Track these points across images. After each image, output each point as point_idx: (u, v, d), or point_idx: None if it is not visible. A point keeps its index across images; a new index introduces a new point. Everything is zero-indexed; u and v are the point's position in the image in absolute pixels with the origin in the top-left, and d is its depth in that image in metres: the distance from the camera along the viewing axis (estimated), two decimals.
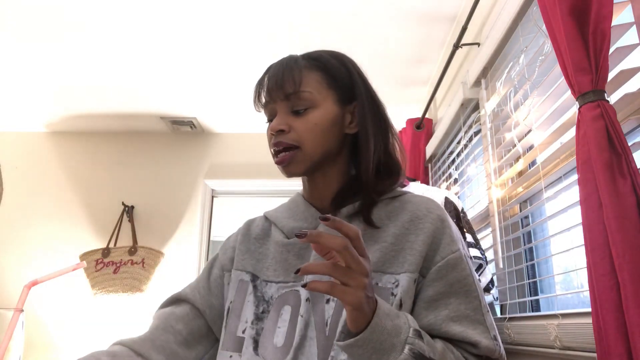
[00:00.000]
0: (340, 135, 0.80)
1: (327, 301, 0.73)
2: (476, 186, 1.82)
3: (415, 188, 1.59)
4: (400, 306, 0.70)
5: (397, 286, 0.71)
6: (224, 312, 0.82)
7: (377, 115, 0.82)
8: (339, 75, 0.80)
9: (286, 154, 0.76)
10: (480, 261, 1.51)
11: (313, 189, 0.83)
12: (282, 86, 0.77)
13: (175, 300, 0.85)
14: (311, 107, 0.77)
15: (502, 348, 0.71)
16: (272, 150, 0.78)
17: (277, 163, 0.77)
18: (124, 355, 0.74)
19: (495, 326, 0.74)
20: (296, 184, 0.88)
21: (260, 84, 0.81)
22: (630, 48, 0.89)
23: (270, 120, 0.80)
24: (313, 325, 0.72)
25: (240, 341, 0.75)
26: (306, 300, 0.74)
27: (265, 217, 0.89)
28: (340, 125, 0.79)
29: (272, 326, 0.74)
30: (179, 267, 2.96)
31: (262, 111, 0.83)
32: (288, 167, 0.77)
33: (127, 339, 0.78)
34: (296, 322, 0.73)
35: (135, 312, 2.84)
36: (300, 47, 2.23)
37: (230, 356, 0.75)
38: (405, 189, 0.96)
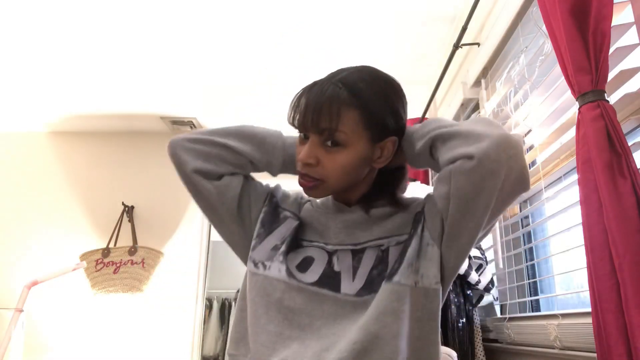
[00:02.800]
0: (366, 168, 0.82)
1: (353, 258, 0.79)
2: None
3: (415, 188, 1.59)
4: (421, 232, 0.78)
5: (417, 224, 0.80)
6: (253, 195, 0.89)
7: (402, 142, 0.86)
8: (377, 113, 0.78)
9: (310, 181, 0.79)
10: (480, 261, 1.51)
11: (337, 195, 0.88)
12: (318, 120, 0.75)
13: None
14: (342, 146, 0.76)
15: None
16: (298, 171, 0.82)
17: (300, 185, 0.81)
18: None
19: None
20: (297, 185, 0.91)
21: (297, 105, 0.79)
22: (630, 48, 0.89)
23: (302, 135, 0.81)
24: (339, 271, 0.78)
25: (273, 253, 0.82)
26: (334, 257, 0.80)
27: (307, 198, 0.96)
28: (368, 161, 0.81)
29: (303, 254, 0.81)
30: (179, 267, 2.96)
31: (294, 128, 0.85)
32: (309, 192, 0.81)
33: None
34: (320, 266, 0.79)
35: (135, 312, 2.84)
36: (300, 48, 2.24)
37: (262, 263, 0.81)
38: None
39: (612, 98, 0.90)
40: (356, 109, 0.76)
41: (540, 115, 1.25)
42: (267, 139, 0.88)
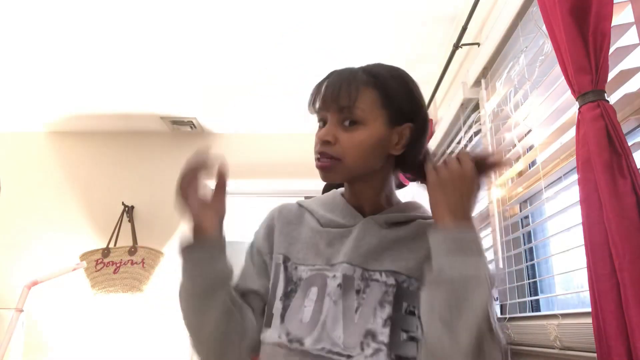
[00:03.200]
0: (383, 155, 0.82)
1: (357, 292, 0.77)
2: None
3: (415, 188, 1.59)
4: None
5: None
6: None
7: (423, 139, 0.85)
8: (394, 96, 0.81)
9: (327, 161, 0.79)
10: None
11: (352, 194, 0.87)
12: (337, 98, 0.78)
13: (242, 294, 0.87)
14: (360, 123, 0.78)
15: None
16: (316, 154, 0.81)
17: (318, 167, 0.81)
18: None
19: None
20: (297, 185, 0.91)
21: (317, 89, 0.82)
22: (630, 48, 0.89)
23: (321, 122, 0.83)
24: (341, 309, 0.76)
25: (269, 315, 0.81)
26: (338, 285, 0.77)
27: (299, 205, 0.93)
28: (386, 146, 0.81)
29: (299, 304, 0.79)
30: (179, 267, 2.95)
31: (315, 114, 0.85)
32: (327, 174, 0.81)
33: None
34: (323, 302, 0.77)
35: (135, 312, 2.84)
36: (300, 48, 2.24)
37: (264, 331, 0.80)
38: (405, 189, 0.97)
39: (612, 98, 0.90)
40: (374, 88, 0.79)
41: (540, 115, 1.25)
42: (201, 274, 0.81)
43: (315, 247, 0.83)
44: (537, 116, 1.26)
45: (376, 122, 0.79)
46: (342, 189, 0.92)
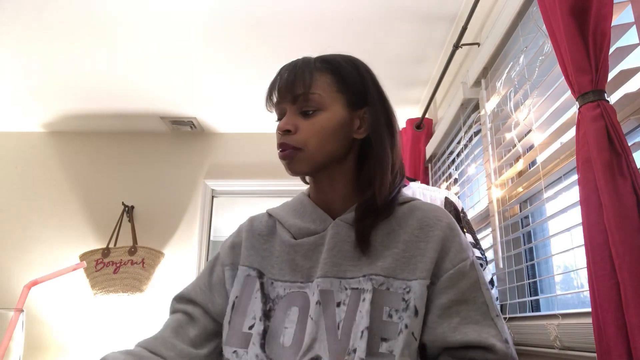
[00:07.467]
0: (347, 140, 0.80)
1: (338, 304, 0.73)
2: (476, 186, 1.82)
3: (415, 188, 1.59)
4: (416, 312, 0.71)
5: (408, 292, 0.73)
6: (226, 308, 0.81)
7: (387, 122, 0.82)
8: (350, 79, 0.80)
9: (289, 152, 0.77)
10: (481, 261, 1.51)
11: (319, 191, 0.84)
12: (292, 87, 0.77)
13: (180, 300, 0.88)
14: (319, 109, 0.77)
15: (514, 351, 0.72)
16: (278, 147, 0.79)
17: (281, 158, 0.79)
18: (142, 355, 0.76)
19: (506, 329, 0.74)
20: (296, 185, 0.89)
21: (273, 83, 0.81)
22: (630, 48, 0.89)
23: (279, 119, 0.81)
24: (323, 328, 0.72)
25: (247, 337, 0.75)
26: (316, 303, 0.74)
27: (269, 215, 0.89)
28: (348, 130, 0.80)
29: (279, 326, 0.75)
30: (179, 267, 2.96)
31: (273, 110, 0.83)
32: (290, 164, 0.78)
33: (143, 341, 0.81)
34: (305, 324, 0.73)
35: (135, 312, 2.84)
36: (300, 47, 2.24)
37: (235, 351, 0.75)
38: (405, 189, 0.96)
39: (612, 98, 0.90)
40: (328, 73, 0.79)
41: (540, 115, 1.25)
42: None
43: (291, 263, 0.79)
44: (537, 116, 1.26)
45: (334, 105, 0.78)
46: (307, 189, 0.89)
